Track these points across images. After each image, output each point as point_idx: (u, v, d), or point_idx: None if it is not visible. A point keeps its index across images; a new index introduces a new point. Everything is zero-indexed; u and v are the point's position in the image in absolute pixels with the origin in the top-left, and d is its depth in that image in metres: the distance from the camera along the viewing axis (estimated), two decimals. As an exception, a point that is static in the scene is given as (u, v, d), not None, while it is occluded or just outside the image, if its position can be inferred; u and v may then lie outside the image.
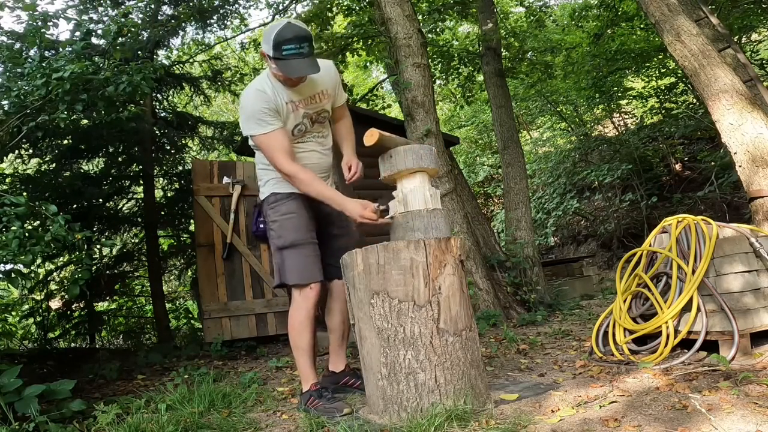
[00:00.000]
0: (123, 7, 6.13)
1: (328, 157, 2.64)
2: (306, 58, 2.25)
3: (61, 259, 6.08)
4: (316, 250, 2.50)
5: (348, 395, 2.57)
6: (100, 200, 6.25)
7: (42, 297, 6.15)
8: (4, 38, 4.21)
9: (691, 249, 2.62)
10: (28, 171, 5.83)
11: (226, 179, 5.33)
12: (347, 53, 8.07)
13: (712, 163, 8.49)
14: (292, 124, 2.42)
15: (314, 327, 2.49)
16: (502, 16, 9.81)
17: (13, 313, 6.35)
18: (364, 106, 8.11)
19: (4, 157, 4.30)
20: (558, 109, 12.13)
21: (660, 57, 9.56)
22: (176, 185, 7.03)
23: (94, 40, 5.07)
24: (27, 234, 2.66)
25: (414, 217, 2.24)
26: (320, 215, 2.58)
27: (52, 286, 6.35)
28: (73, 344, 6.29)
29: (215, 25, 7.73)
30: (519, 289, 5.35)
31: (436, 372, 2.02)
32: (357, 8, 8.18)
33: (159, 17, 6.64)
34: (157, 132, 6.63)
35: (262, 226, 5.39)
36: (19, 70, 3.64)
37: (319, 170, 2.55)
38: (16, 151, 4.68)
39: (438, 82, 9.64)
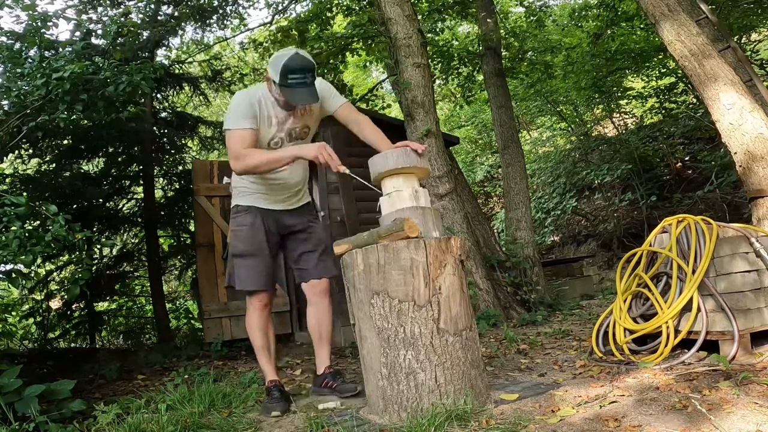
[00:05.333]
0: (123, 7, 6.13)
1: (301, 172, 2.73)
2: (308, 87, 2.40)
3: (61, 259, 6.08)
4: (266, 262, 2.61)
5: (337, 395, 2.55)
6: (100, 200, 6.26)
7: (42, 297, 6.15)
8: (4, 38, 4.20)
9: (692, 249, 2.62)
10: (28, 171, 5.83)
11: (226, 179, 5.32)
12: (347, 53, 8.06)
13: (712, 163, 8.49)
14: (267, 136, 2.50)
15: (266, 329, 2.65)
16: (502, 16, 9.81)
17: (13, 313, 6.36)
18: (363, 106, 8.10)
19: (4, 157, 4.30)
20: (558, 109, 12.12)
21: (660, 57, 9.55)
22: (176, 185, 7.02)
23: (94, 40, 5.07)
24: (27, 234, 2.66)
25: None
26: (283, 228, 2.69)
27: (52, 286, 6.36)
28: (73, 344, 6.30)
29: (215, 24, 7.74)
30: (519, 289, 5.35)
31: (436, 372, 2.02)
32: (357, 8, 8.17)
33: (159, 17, 6.63)
34: (157, 132, 6.63)
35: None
36: (19, 70, 3.63)
37: (292, 186, 2.66)
38: (16, 151, 4.67)
39: (438, 82, 9.63)
